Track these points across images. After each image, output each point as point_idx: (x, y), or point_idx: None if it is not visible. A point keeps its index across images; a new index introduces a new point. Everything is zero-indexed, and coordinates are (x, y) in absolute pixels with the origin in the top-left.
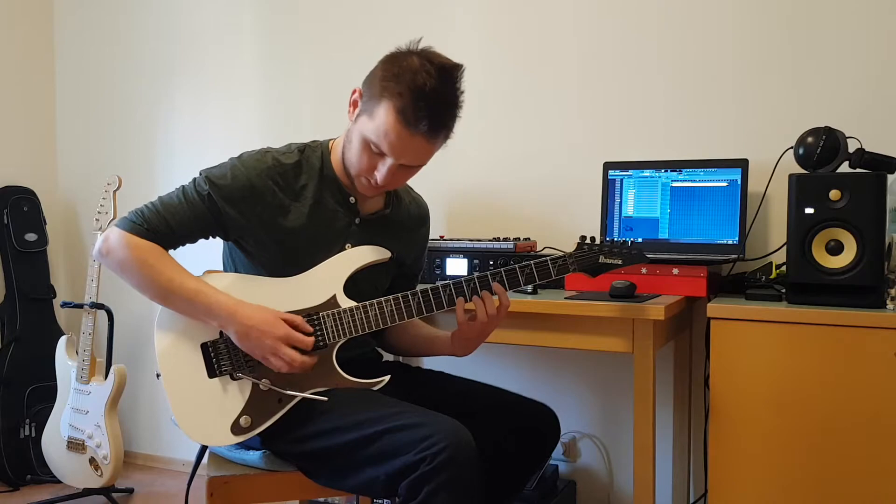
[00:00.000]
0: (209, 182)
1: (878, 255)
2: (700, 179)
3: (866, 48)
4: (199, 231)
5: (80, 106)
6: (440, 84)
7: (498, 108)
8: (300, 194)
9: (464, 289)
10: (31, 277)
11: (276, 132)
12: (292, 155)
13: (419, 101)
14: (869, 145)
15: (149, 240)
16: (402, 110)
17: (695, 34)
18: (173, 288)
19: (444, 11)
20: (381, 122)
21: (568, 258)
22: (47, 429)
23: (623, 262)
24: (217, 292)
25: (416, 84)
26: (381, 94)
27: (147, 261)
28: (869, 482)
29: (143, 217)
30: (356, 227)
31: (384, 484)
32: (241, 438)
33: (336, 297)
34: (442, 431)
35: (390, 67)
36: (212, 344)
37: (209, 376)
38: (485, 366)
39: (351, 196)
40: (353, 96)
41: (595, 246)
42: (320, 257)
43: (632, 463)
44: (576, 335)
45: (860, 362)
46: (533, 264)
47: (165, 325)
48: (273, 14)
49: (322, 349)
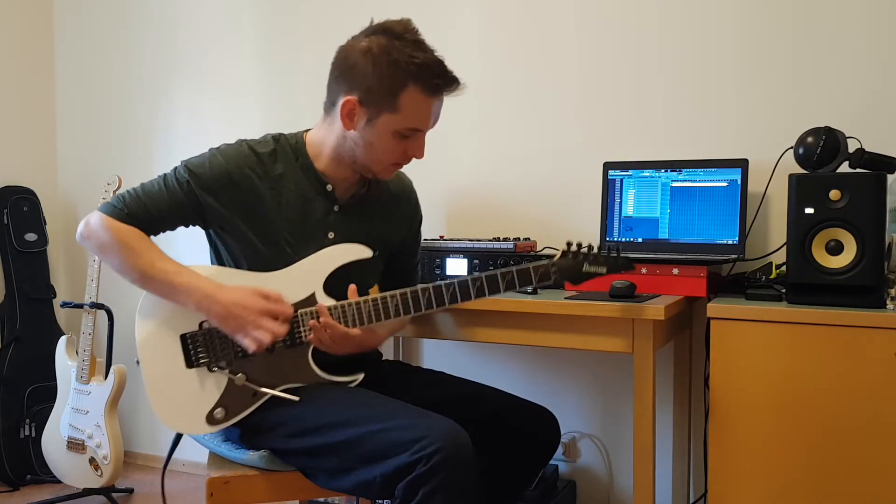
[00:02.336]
0: (188, 171)
1: (878, 255)
2: (700, 179)
3: (866, 48)
4: (178, 218)
5: (80, 106)
6: (428, 48)
7: (498, 108)
8: (278, 181)
9: (443, 293)
10: (31, 277)
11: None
12: (268, 144)
13: (436, 72)
14: (869, 145)
15: (129, 224)
16: (432, 88)
17: (695, 34)
18: (154, 271)
19: (444, 11)
20: (412, 109)
21: (550, 266)
22: (47, 429)
23: (608, 271)
24: (197, 276)
25: (422, 61)
26: (395, 87)
27: (128, 243)
28: (869, 482)
29: (123, 202)
30: (336, 214)
31: (380, 485)
32: (215, 428)
33: (315, 294)
34: (437, 432)
35: (380, 59)
36: (191, 335)
37: (187, 366)
38: (485, 366)
39: (328, 184)
40: (347, 107)
41: (580, 254)
42: (302, 246)
43: (632, 463)
44: (575, 335)
45: (860, 362)
46: (515, 271)
47: (146, 314)
48: (273, 14)
49: (299, 346)
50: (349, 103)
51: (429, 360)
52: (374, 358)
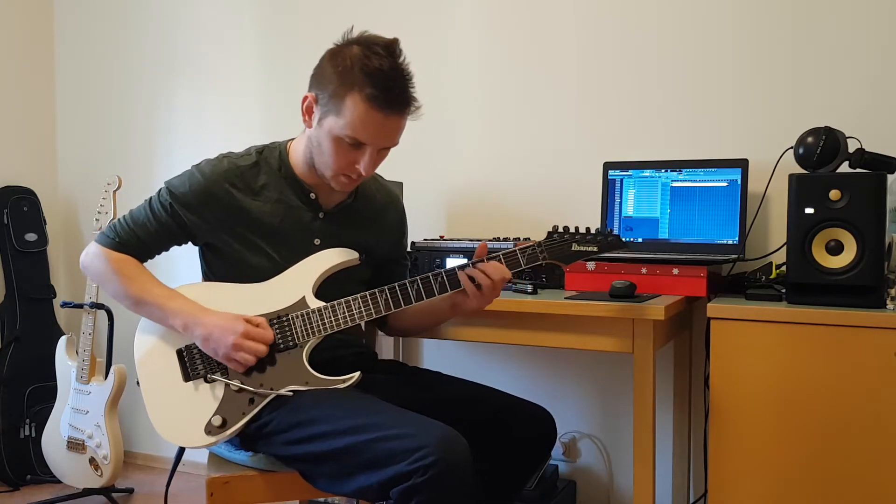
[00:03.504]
0: (170, 193)
1: (878, 255)
2: (700, 179)
3: (866, 48)
4: (168, 240)
5: (80, 106)
6: (393, 61)
7: (498, 108)
8: (260, 193)
9: (431, 284)
10: (31, 277)
11: (275, 131)
12: (250, 157)
13: (384, 83)
14: (869, 145)
15: (122, 252)
16: (372, 97)
17: (695, 34)
18: (144, 297)
19: (444, 11)
20: (353, 115)
21: (537, 247)
22: (47, 429)
23: (599, 250)
24: (184, 300)
25: (374, 68)
26: (341, 89)
27: (122, 271)
28: (869, 482)
29: (115, 231)
30: (321, 222)
31: (378, 491)
32: (214, 439)
33: (305, 298)
34: (435, 442)
35: (339, 62)
36: (186, 349)
37: (184, 380)
38: (484, 365)
39: (311, 192)
40: (306, 103)
41: (566, 235)
42: (289, 254)
43: (632, 463)
44: (575, 335)
45: (860, 362)
46: (501, 255)
47: (143, 334)
48: (273, 14)
49: (292, 349)
50: (307, 99)
51: (429, 360)
52: (369, 357)
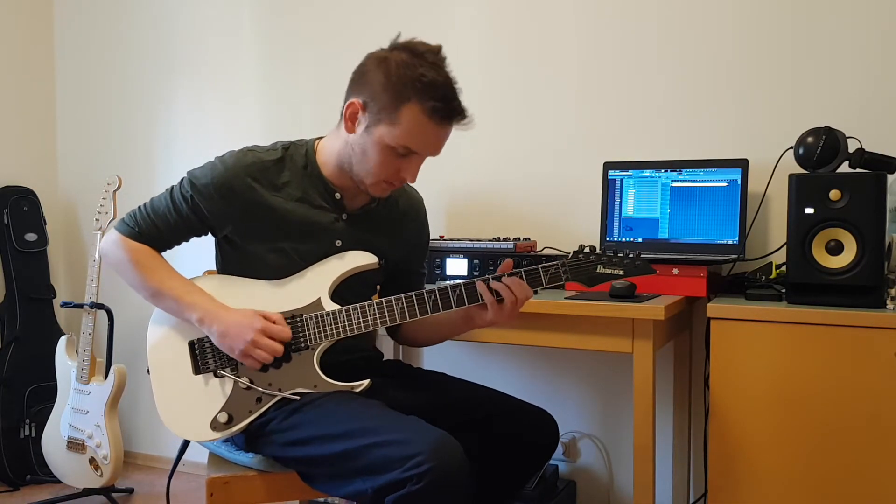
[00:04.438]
0: (191, 184)
1: (878, 255)
2: (700, 179)
3: (866, 48)
4: (187, 232)
5: (80, 106)
6: (445, 73)
7: (498, 108)
8: (282, 189)
9: (449, 296)
10: (31, 277)
11: (276, 132)
12: (276, 152)
13: (443, 95)
14: (869, 145)
15: (140, 241)
16: (433, 110)
17: (695, 34)
18: (162, 288)
19: (444, 11)
20: (410, 126)
21: (561, 266)
22: (47, 429)
23: (625, 274)
24: (202, 294)
25: (431, 80)
26: (398, 100)
27: (140, 261)
28: (869, 482)
29: (135, 220)
30: (343, 223)
31: (373, 496)
32: (219, 435)
33: (321, 300)
34: (430, 449)
35: (390, 71)
36: (198, 342)
37: (194, 373)
38: (485, 366)
39: (336, 192)
40: (351, 109)
41: (592, 255)
42: (309, 253)
43: (632, 463)
44: (576, 335)
45: (860, 362)
46: (523, 272)
47: (157, 323)
48: (273, 14)
49: (304, 350)
50: (353, 106)
51: (429, 360)
52: (375, 358)
